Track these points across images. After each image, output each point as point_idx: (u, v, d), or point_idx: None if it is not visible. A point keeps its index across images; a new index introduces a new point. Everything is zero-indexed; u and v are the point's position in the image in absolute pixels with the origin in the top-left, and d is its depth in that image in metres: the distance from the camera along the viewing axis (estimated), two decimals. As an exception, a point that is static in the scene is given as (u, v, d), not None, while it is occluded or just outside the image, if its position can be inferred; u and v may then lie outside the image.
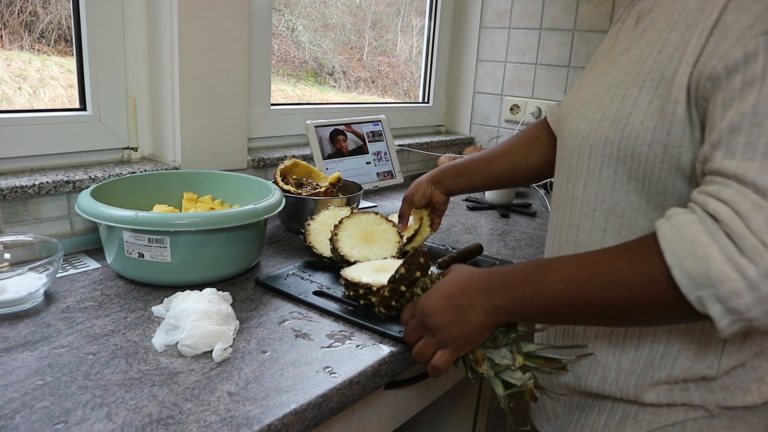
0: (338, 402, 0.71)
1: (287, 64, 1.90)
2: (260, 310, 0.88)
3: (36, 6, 1.26)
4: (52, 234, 1.09)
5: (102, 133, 1.23)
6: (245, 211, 0.95)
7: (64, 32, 1.27)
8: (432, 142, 2.03)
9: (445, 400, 1.27)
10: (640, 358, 0.72)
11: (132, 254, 0.92)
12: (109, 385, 0.67)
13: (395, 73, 2.27)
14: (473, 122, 2.21)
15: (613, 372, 0.74)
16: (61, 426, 0.59)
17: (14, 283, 0.83)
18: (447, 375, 1.03)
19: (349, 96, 2.12)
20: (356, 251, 1.01)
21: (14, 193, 1.02)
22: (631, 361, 0.72)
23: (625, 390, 0.73)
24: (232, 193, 1.19)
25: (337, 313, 0.88)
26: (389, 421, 0.90)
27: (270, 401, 0.66)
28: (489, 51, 2.12)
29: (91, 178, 1.12)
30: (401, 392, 0.90)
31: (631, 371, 0.72)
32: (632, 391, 0.72)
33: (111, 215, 0.90)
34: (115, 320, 0.83)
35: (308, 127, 1.50)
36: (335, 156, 1.55)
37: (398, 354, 0.80)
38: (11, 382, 0.66)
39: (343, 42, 2.07)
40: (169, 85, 1.24)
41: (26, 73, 1.28)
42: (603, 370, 0.75)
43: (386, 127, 1.70)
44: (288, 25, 1.87)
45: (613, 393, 0.74)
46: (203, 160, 1.32)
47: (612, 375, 0.74)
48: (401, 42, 2.26)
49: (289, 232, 1.29)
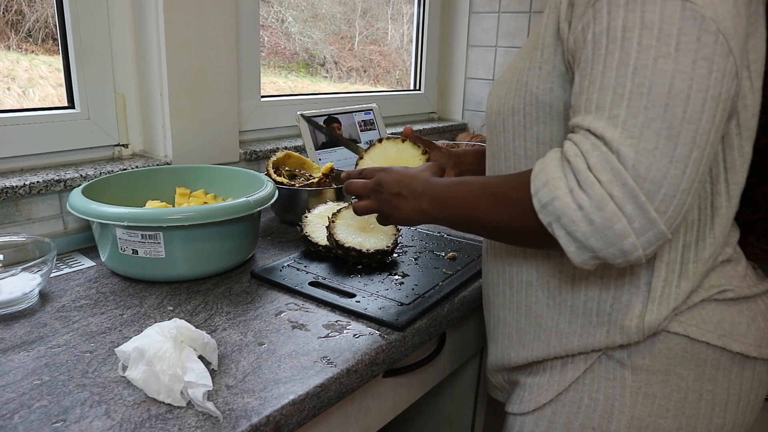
0: (337, 391, 0.71)
1: (278, 56, 1.89)
2: (256, 303, 0.88)
3: (21, 5, 1.25)
4: (45, 234, 1.09)
5: (92, 130, 1.23)
6: (238, 204, 0.94)
7: (51, 30, 1.26)
8: (425, 130, 2.03)
9: (445, 387, 1.27)
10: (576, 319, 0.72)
11: (126, 251, 0.92)
12: (107, 383, 0.67)
13: (387, 62, 2.26)
14: (465, 108, 2.21)
15: (553, 334, 0.75)
16: (59, 424, 0.59)
17: (8, 284, 0.82)
18: (446, 362, 1.04)
19: (341, 86, 2.11)
20: (352, 238, 1.01)
21: (5, 194, 1.02)
22: (569, 321, 0.73)
23: (569, 348, 0.74)
24: (225, 186, 1.18)
25: (333, 303, 0.88)
26: (389, 409, 0.90)
27: (268, 393, 0.66)
28: (479, 36, 2.11)
29: (83, 177, 1.11)
30: (400, 380, 0.91)
31: (571, 331, 0.73)
32: (575, 349, 0.73)
33: (103, 213, 0.89)
34: (111, 318, 0.82)
35: (299, 118, 1.49)
36: (328, 146, 1.55)
37: (396, 342, 0.80)
38: (9, 383, 0.66)
39: (333, 32, 2.06)
40: (158, 80, 1.23)
41: (14, 73, 1.27)
42: (545, 334, 0.76)
43: (378, 115, 1.69)
44: (277, 17, 1.85)
45: (558, 354, 0.75)
46: (195, 155, 1.31)
47: (553, 338, 0.75)
48: (392, 30, 2.25)
49: (283, 223, 1.29)
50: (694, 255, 0.67)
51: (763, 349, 0.70)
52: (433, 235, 1.21)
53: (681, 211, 0.55)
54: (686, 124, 0.53)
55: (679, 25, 0.53)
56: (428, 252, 1.11)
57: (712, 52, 0.53)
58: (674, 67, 0.53)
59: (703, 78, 0.53)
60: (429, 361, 0.93)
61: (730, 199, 0.66)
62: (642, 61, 0.54)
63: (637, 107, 0.54)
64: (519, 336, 0.79)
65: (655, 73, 0.54)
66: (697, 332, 0.68)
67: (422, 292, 0.93)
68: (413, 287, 0.95)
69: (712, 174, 0.65)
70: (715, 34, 0.53)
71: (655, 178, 0.53)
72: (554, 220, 0.57)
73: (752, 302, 0.71)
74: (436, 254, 1.10)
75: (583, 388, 0.73)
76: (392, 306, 0.87)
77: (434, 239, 1.18)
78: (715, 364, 0.69)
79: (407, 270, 1.02)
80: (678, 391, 0.69)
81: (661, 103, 0.53)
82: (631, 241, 0.55)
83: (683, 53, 0.53)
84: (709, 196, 0.66)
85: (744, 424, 0.72)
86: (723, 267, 0.70)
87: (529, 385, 0.80)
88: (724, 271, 0.70)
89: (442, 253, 1.10)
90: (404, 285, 0.95)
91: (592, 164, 0.55)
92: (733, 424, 0.71)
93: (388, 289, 0.93)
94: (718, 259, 0.69)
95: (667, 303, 0.67)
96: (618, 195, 0.54)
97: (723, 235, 0.67)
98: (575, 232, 0.56)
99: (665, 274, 0.67)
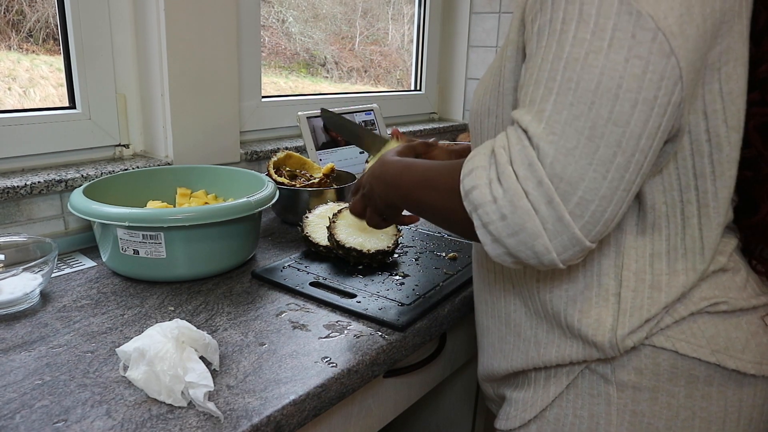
0: (337, 391, 0.71)
1: (279, 56, 1.89)
2: (257, 303, 0.89)
3: (22, 5, 1.25)
4: (46, 234, 1.09)
5: (93, 131, 1.23)
6: (239, 205, 0.94)
7: (52, 30, 1.26)
8: (425, 130, 2.03)
9: (446, 387, 1.27)
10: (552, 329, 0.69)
11: (127, 251, 0.92)
12: (108, 383, 0.67)
13: (387, 62, 2.26)
14: (466, 108, 2.20)
15: (532, 345, 0.72)
16: (61, 424, 0.60)
17: (9, 284, 0.82)
18: (446, 362, 1.04)
19: (342, 86, 2.12)
20: (353, 239, 1.01)
21: (6, 194, 1.02)
22: (546, 331, 0.70)
23: (547, 360, 0.70)
24: (226, 186, 1.18)
25: (334, 304, 0.88)
26: (390, 409, 0.90)
27: (269, 393, 0.66)
28: (480, 36, 2.11)
29: (84, 177, 1.12)
30: (401, 380, 0.91)
31: (549, 341, 0.70)
32: (554, 360, 0.70)
33: (104, 213, 0.89)
34: (112, 318, 0.83)
35: (300, 119, 1.49)
36: (329, 146, 1.55)
37: (396, 342, 0.80)
38: (10, 383, 0.66)
39: (334, 32, 2.06)
40: (159, 80, 1.23)
41: (15, 73, 1.27)
42: (524, 344, 0.73)
43: (378, 115, 1.69)
44: (278, 17, 1.86)
45: (537, 365, 0.71)
46: (195, 155, 1.32)
47: (532, 348, 0.72)
48: (392, 30, 2.25)
49: (284, 224, 1.29)
50: (666, 266, 0.64)
51: (764, 367, 0.64)
52: (434, 235, 1.21)
53: (601, 219, 0.51)
54: (611, 125, 0.50)
55: (615, 20, 0.50)
56: (429, 252, 1.11)
57: (647, 50, 0.49)
58: (604, 63, 0.50)
59: (635, 78, 0.49)
60: (429, 362, 0.93)
61: (701, 208, 0.62)
62: (574, 55, 0.51)
63: (563, 103, 0.51)
64: (501, 345, 0.77)
65: (585, 69, 0.50)
66: (687, 347, 0.63)
67: (423, 292, 0.93)
68: (414, 287, 0.95)
69: (681, 182, 0.61)
70: (653, 32, 0.49)
71: (571, 179, 0.50)
72: (473, 209, 0.55)
73: (753, 314, 0.65)
74: (436, 254, 1.10)
75: (567, 405, 0.69)
76: (393, 306, 0.88)
77: (435, 239, 1.18)
78: (709, 380, 0.64)
79: (408, 270, 1.02)
80: (669, 409, 0.64)
81: (586, 101, 0.50)
82: (543, 242, 0.52)
83: (615, 50, 0.50)
84: (678, 204, 0.62)
85: None
86: (717, 277, 0.65)
87: (514, 400, 0.76)
88: (718, 281, 0.65)
89: (442, 254, 1.10)
90: (405, 285, 0.96)
91: (513, 157, 0.53)
92: None
93: (389, 290, 0.93)
94: (709, 269, 0.65)
95: (639, 314, 0.63)
96: (533, 192, 0.51)
97: (696, 246, 0.63)
98: (489, 225, 0.54)
99: (635, 284, 0.63)
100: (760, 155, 0.64)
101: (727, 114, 0.59)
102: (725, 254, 0.66)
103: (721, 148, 0.60)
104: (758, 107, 0.63)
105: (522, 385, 0.76)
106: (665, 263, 0.64)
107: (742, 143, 0.62)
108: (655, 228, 0.63)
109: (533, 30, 0.56)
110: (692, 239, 0.63)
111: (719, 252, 0.66)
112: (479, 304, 0.81)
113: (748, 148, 0.64)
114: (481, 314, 0.81)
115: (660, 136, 0.52)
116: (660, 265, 0.64)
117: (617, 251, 0.64)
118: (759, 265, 0.69)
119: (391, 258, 1.07)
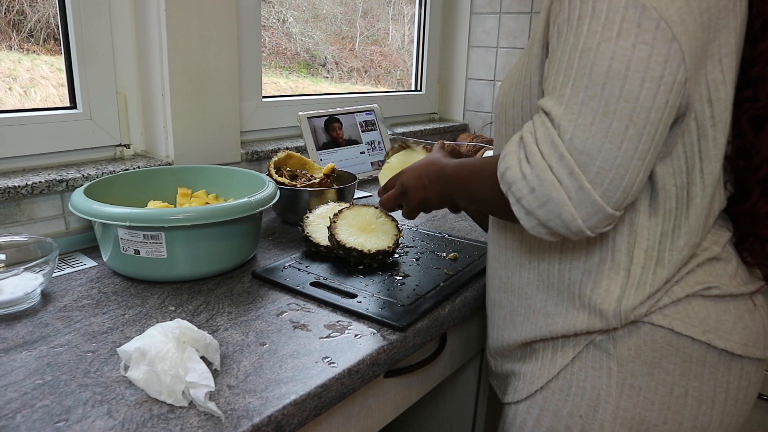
0: (338, 391, 0.71)
1: (279, 56, 1.89)
2: (258, 303, 0.89)
3: (23, 5, 1.25)
4: (47, 234, 1.09)
5: (93, 130, 1.23)
6: (239, 205, 0.95)
7: (53, 30, 1.26)
8: (426, 130, 2.03)
9: (446, 387, 1.27)
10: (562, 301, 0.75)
11: (128, 251, 0.92)
12: (109, 382, 0.67)
13: (388, 62, 2.26)
14: (466, 109, 2.21)
15: (541, 315, 0.77)
16: (62, 424, 0.60)
17: (10, 284, 0.83)
18: (447, 362, 1.04)
19: (342, 86, 2.12)
20: (353, 239, 1.01)
21: (7, 194, 1.02)
22: (555, 303, 0.76)
23: (554, 330, 0.76)
24: (226, 186, 1.18)
25: (335, 304, 0.88)
26: (390, 409, 0.90)
27: (270, 393, 0.66)
28: (480, 36, 2.11)
29: (84, 177, 1.12)
30: (401, 380, 0.91)
31: (557, 312, 0.75)
32: (560, 330, 0.75)
33: (105, 213, 0.89)
34: (113, 317, 0.83)
35: (301, 119, 1.49)
36: (329, 146, 1.55)
37: (397, 342, 0.80)
38: (11, 383, 0.66)
39: (334, 32, 2.06)
40: (159, 80, 1.23)
41: (16, 73, 1.27)
42: (534, 315, 0.78)
43: (379, 116, 1.69)
44: (278, 17, 1.86)
45: (544, 336, 0.77)
46: (196, 155, 1.32)
47: (541, 318, 0.77)
48: (393, 30, 2.25)
49: (284, 224, 1.29)
50: (670, 243, 0.70)
51: (750, 348, 0.71)
52: (434, 235, 1.21)
53: (620, 186, 0.58)
54: (622, 102, 0.57)
55: (623, 12, 0.57)
56: (429, 252, 1.11)
57: (652, 37, 0.56)
58: (614, 49, 0.57)
59: (642, 60, 0.56)
60: (430, 362, 0.93)
61: (704, 189, 0.68)
62: (588, 45, 0.58)
63: (579, 86, 0.59)
64: (512, 317, 0.82)
65: (597, 56, 0.58)
66: (682, 326, 0.69)
67: (423, 292, 0.93)
68: (414, 288, 0.95)
69: (688, 164, 0.68)
70: (657, 21, 0.56)
71: (590, 151, 0.57)
72: (507, 188, 0.62)
73: (740, 301, 0.72)
74: (437, 255, 1.10)
75: (572, 377, 0.75)
76: (393, 306, 0.88)
77: (435, 240, 1.18)
78: (701, 360, 0.70)
79: (408, 270, 1.02)
80: (664, 384, 0.71)
81: (599, 83, 0.57)
82: (569, 210, 0.58)
83: (623, 37, 0.57)
84: (686, 185, 0.68)
85: (733, 422, 0.73)
86: (711, 265, 0.72)
87: (522, 373, 0.81)
88: (711, 269, 0.72)
89: (443, 254, 1.10)
90: (405, 285, 0.96)
91: (538, 138, 0.60)
92: (720, 422, 0.72)
93: (390, 290, 0.94)
94: (704, 256, 0.71)
95: (643, 289, 0.69)
96: (555, 166, 0.58)
97: (698, 225, 0.69)
98: (521, 200, 0.61)
99: (644, 261, 0.70)
100: (752, 146, 0.70)
101: (729, 101, 0.66)
102: (719, 245, 0.73)
103: (724, 133, 0.67)
104: (750, 102, 0.68)
105: (530, 358, 0.81)
106: (669, 241, 0.70)
107: (736, 134, 0.70)
108: (666, 208, 0.69)
109: (554, 28, 0.64)
110: (696, 217, 0.69)
111: (714, 242, 0.72)
112: (493, 280, 0.86)
113: (741, 139, 0.70)
114: (494, 290, 0.86)
115: (668, 111, 0.58)
116: (666, 242, 0.70)
117: (631, 230, 0.70)
118: (749, 256, 0.75)
119: (392, 258, 1.07)
